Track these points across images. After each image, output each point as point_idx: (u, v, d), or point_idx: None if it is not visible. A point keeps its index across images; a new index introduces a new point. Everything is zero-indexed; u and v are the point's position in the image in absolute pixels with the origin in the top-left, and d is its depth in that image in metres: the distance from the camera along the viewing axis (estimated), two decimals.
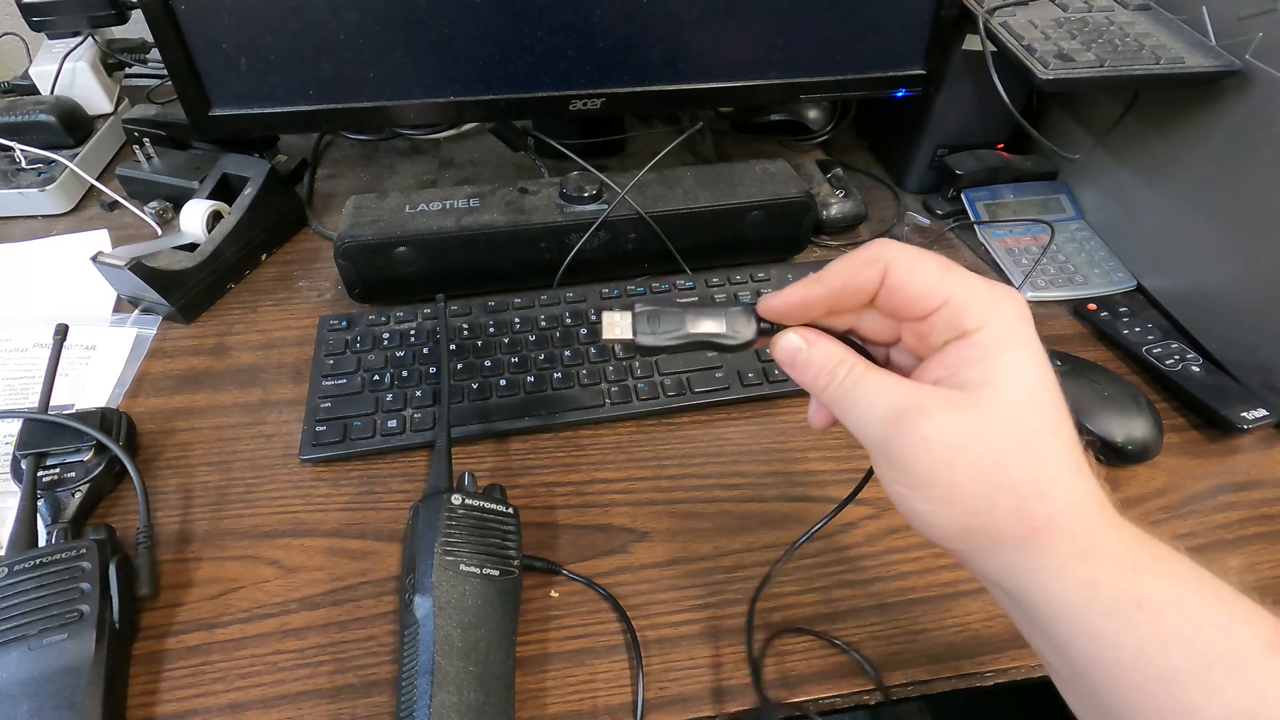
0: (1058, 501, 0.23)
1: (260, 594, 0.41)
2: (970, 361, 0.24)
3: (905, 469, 0.24)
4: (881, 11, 0.58)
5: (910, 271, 0.25)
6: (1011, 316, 0.24)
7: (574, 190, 0.55)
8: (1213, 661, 0.22)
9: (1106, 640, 0.23)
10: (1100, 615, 0.23)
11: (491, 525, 0.38)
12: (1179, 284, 0.57)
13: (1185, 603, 0.23)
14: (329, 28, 0.52)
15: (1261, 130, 0.49)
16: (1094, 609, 0.23)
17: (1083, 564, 0.23)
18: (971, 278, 0.25)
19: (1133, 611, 0.22)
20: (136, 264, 0.51)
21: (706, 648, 0.39)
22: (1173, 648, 0.22)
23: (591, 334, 0.53)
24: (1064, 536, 0.23)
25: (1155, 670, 0.22)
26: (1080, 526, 0.23)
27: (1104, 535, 0.23)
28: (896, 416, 0.24)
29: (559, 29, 0.55)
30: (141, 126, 0.65)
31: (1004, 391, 0.24)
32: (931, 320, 0.25)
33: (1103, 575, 0.23)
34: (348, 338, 0.52)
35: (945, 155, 0.68)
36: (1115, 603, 0.23)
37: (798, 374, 0.27)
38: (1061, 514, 0.23)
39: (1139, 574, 0.23)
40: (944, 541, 0.25)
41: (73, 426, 0.44)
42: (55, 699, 0.33)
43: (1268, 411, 0.48)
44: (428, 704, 0.32)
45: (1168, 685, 0.22)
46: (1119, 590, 0.23)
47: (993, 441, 0.23)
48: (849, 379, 0.25)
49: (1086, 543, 0.23)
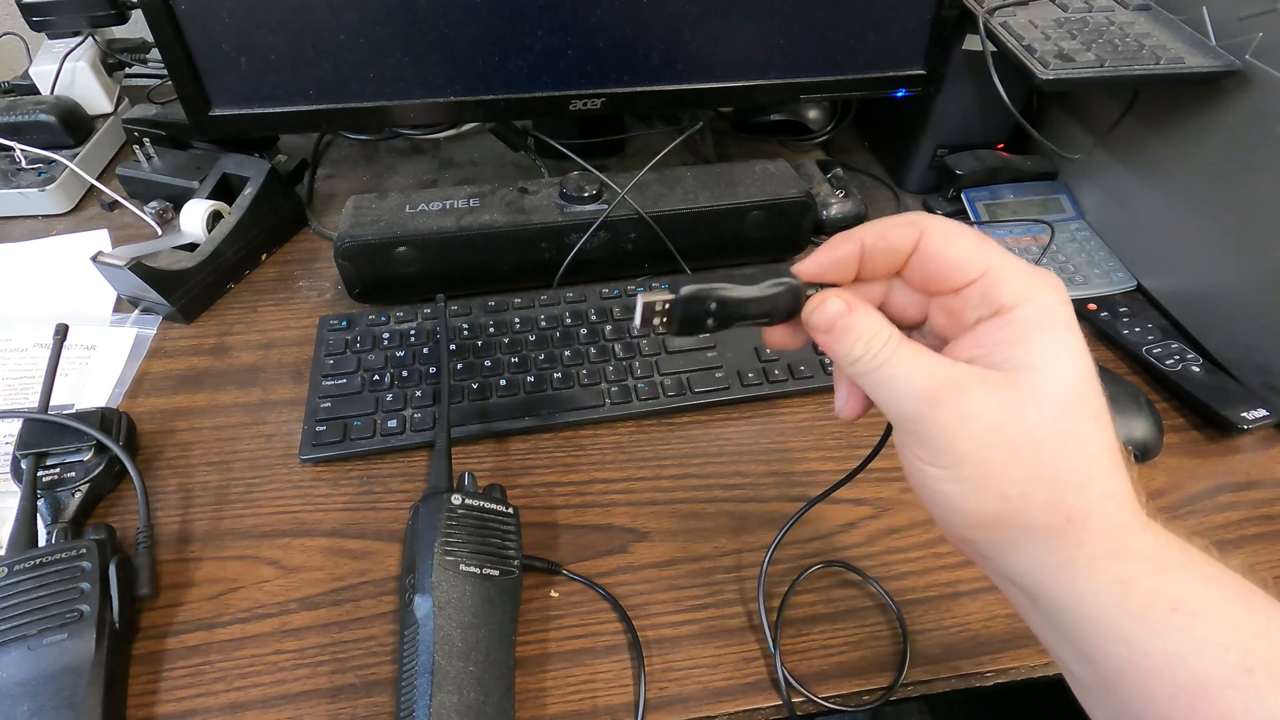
0: (1093, 494, 0.22)
1: (260, 594, 0.41)
2: (1007, 341, 0.23)
3: (937, 447, 0.23)
4: (881, 11, 0.58)
5: (948, 239, 0.24)
6: (1053, 297, 0.23)
7: (574, 190, 0.55)
8: (1253, 667, 0.21)
9: (1139, 645, 0.22)
10: (1133, 617, 0.22)
11: (491, 525, 0.38)
12: (1179, 284, 0.57)
13: (1221, 607, 0.22)
14: (329, 28, 0.52)
15: (1261, 130, 0.48)
16: (1126, 610, 0.22)
17: (1116, 562, 0.22)
18: (1010, 255, 0.24)
19: (1167, 615, 0.21)
20: (136, 264, 0.51)
21: (706, 648, 0.39)
22: (1210, 653, 0.21)
23: (591, 334, 0.53)
24: (1098, 532, 0.22)
25: (1191, 676, 0.21)
26: (1115, 523, 0.22)
27: (1138, 534, 0.22)
28: (932, 392, 0.23)
29: (559, 29, 0.55)
30: (141, 126, 0.65)
31: (1044, 375, 0.22)
32: (966, 294, 0.24)
33: (1136, 575, 0.22)
34: (348, 338, 0.52)
35: (945, 155, 0.68)
36: (1149, 605, 0.22)
37: (834, 339, 0.25)
38: (1097, 508, 0.22)
39: (1173, 575, 0.22)
40: (966, 530, 0.24)
41: (73, 426, 0.44)
42: (55, 699, 0.33)
43: (1268, 411, 0.48)
44: (428, 704, 0.32)
45: (1206, 692, 0.21)
46: (1153, 592, 0.22)
47: (1031, 426, 0.22)
48: (886, 349, 0.24)
49: (1120, 540, 0.22)
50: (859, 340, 0.24)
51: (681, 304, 0.26)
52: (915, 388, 0.23)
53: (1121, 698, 0.23)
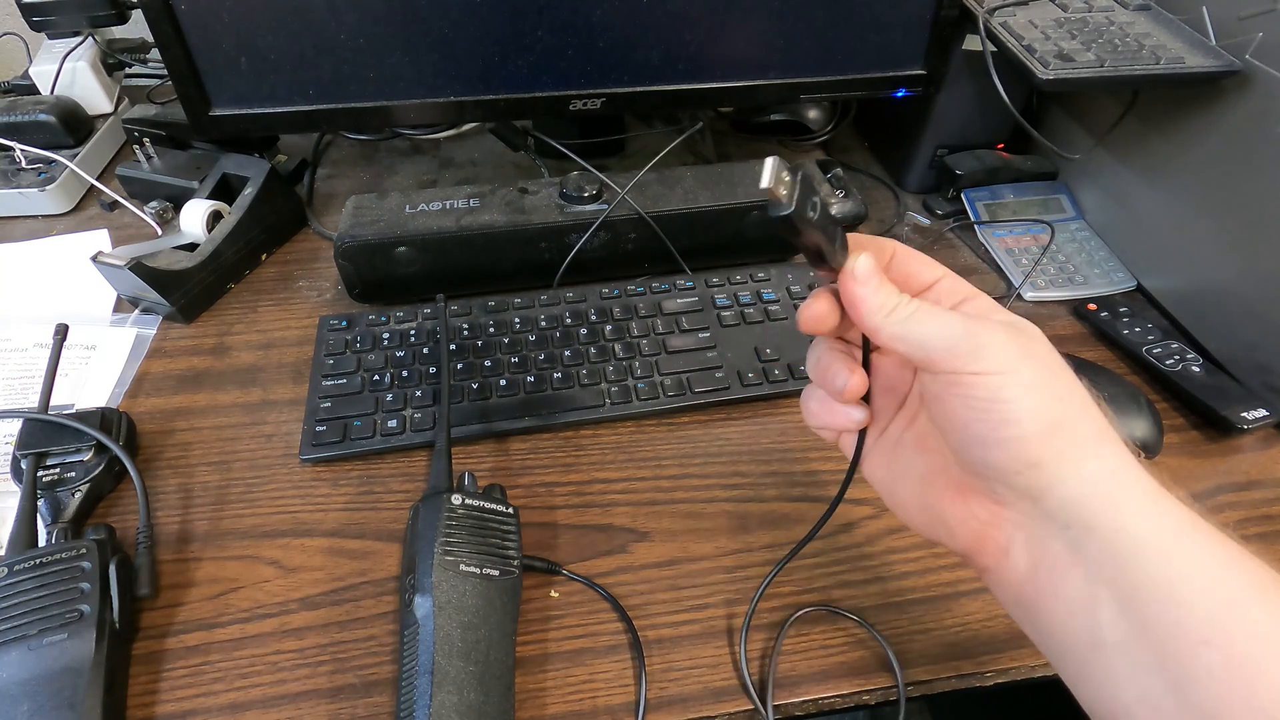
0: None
1: (260, 594, 0.41)
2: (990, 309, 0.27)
3: (991, 355, 0.24)
4: (881, 11, 0.58)
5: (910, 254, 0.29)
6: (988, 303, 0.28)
7: (574, 190, 0.55)
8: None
9: (1196, 575, 0.23)
10: (1191, 543, 0.23)
11: (491, 525, 0.38)
12: (1179, 284, 0.57)
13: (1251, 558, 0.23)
14: (329, 28, 0.52)
15: (1261, 130, 0.48)
16: (1182, 537, 0.23)
17: (1165, 491, 0.24)
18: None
19: (1224, 545, 0.23)
20: (136, 264, 0.51)
21: (706, 648, 0.39)
22: (1273, 592, 0.22)
23: (591, 334, 0.53)
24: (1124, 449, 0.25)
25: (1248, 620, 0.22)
26: (1143, 473, 0.25)
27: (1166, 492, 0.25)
28: (970, 318, 0.25)
29: (559, 29, 0.55)
30: (141, 126, 0.65)
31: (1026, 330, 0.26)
32: (936, 290, 0.28)
33: (1183, 509, 0.24)
34: (348, 338, 0.52)
35: (945, 155, 0.68)
36: (1205, 532, 0.23)
37: (873, 289, 0.26)
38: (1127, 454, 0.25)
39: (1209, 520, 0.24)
40: (1024, 445, 0.24)
41: (73, 426, 0.44)
42: (55, 699, 0.33)
43: (1268, 411, 0.48)
44: (428, 704, 0.32)
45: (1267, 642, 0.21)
46: (1202, 524, 0.23)
47: (1045, 352, 0.25)
48: (913, 302, 0.26)
49: (1156, 485, 0.24)
50: (892, 293, 0.26)
51: (803, 180, 0.26)
52: (952, 317, 0.25)
53: (1162, 644, 0.23)
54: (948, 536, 0.29)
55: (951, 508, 0.28)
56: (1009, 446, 0.25)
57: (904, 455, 0.30)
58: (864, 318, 0.26)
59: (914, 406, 0.30)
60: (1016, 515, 0.26)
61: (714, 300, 0.56)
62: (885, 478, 0.31)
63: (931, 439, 0.29)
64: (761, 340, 0.53)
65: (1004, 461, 0.25)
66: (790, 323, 0.54)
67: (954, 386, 0.25)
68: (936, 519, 0.29)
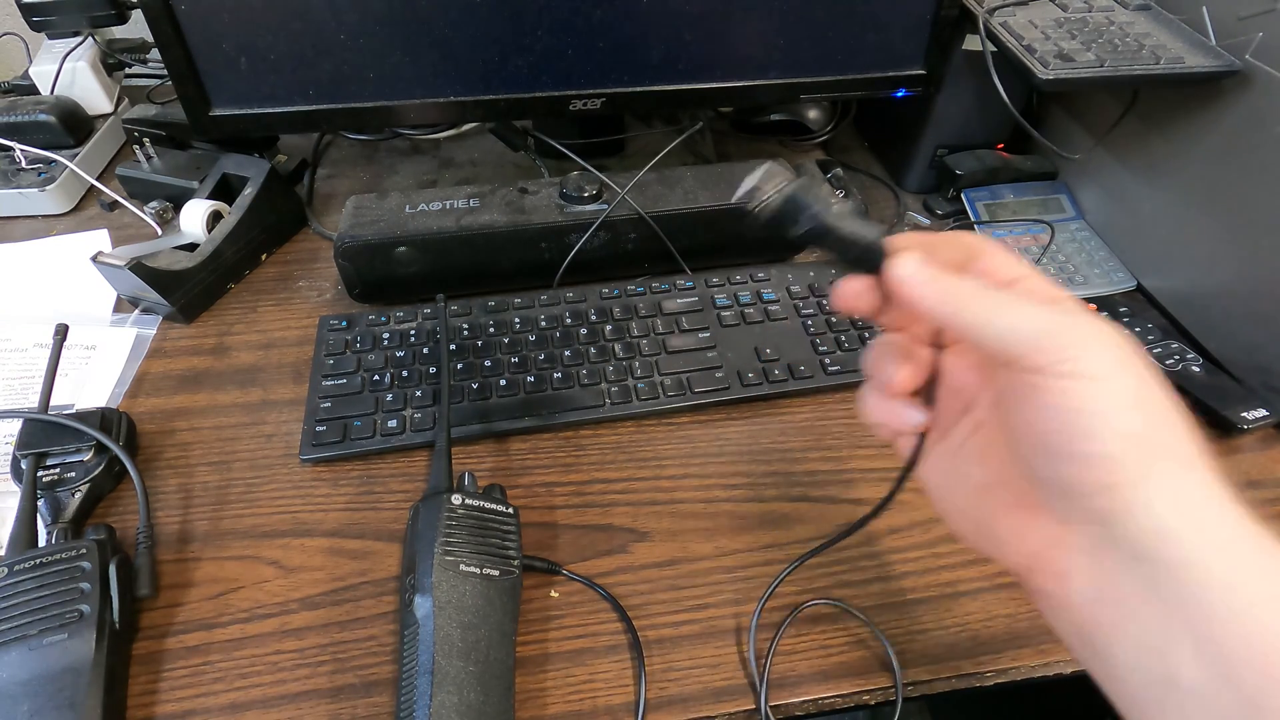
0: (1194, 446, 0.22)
1: (260, 594, 0.41)
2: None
3: (1084, 358, 0.22)
4: (881, 11, 0.58)
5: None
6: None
7: (574, 190, 0.55)
8: None
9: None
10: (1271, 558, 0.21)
11: (491, 525, 0.38)
12: (1179, 284, 0.57)
13: None
14: (329, 28, 0.52)
15: (1261, 130, 0.48)
16: (1270, 579, 0.21)
17: (1256, 524, 0.22)
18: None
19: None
20: (136, 264, 0.51)
21: (707, 648, 0.39)
22: None
23: (591, 334, 0.53)
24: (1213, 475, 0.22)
25: None
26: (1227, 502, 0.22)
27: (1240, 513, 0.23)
28: (1064, 313, 0.23)
29: (559, 29, 0.55)
30: (141, 126, 0.65)
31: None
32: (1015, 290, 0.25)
33: (1272, 545, 0.22)
34: (348, 338, 0.52)
35: (945, 155, 0.68)
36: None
37: (922, 283, 0.24)
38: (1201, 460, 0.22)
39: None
40: (1104, 465, 0.22)
41: (73, 426, 0.44)
42: (55, 699, 0.33)
43: (1268, 411, 0.48)
44: (428, 704, 0.32)
45: None
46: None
47: (1134, 361, 0.23)
48: (997, 291, 0.24)
49: (1245, 517, 0.22)
50: (964, 281, 0.24)
51: (788, 196, 0.25)
52: (1042, 310, 0.23)
53: (1248, 689, 0.21)
54: (999, 553, 0.27)
55: (1007, 522, 0.26)
56: (1087, 464, 0.22)
57: (963, 463, 0.28)
58: (933, 310, 0.24)
59: (981, 413, 0.28)
60: (1080, 540, 0.24)
61: (714, 300, 0.56)
62: (940, 484, 0.29)
63: (996, 449, 0.27)
64: (761, 340, 0.53)
65: (1078, 479, 0.23)
66: (790, 323, 0.54)
67: (1036, 390, 0.23)
68: (989, 533, 0.27)
